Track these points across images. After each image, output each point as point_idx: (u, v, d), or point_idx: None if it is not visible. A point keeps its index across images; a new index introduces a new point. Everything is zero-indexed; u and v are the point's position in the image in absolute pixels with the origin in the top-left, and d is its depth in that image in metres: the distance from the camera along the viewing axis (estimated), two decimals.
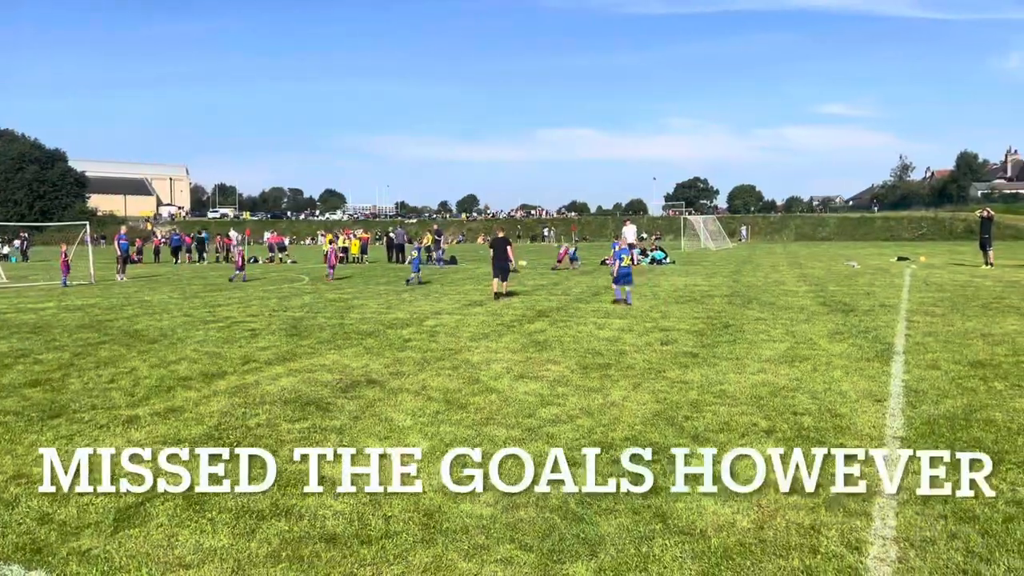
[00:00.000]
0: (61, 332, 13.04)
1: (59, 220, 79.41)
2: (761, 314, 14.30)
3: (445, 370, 9.25)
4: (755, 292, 18.93)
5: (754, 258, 38.30)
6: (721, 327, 12.61)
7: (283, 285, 23.81)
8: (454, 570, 3.98)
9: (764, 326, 12.65)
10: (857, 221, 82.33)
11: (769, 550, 4.17)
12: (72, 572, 4.01)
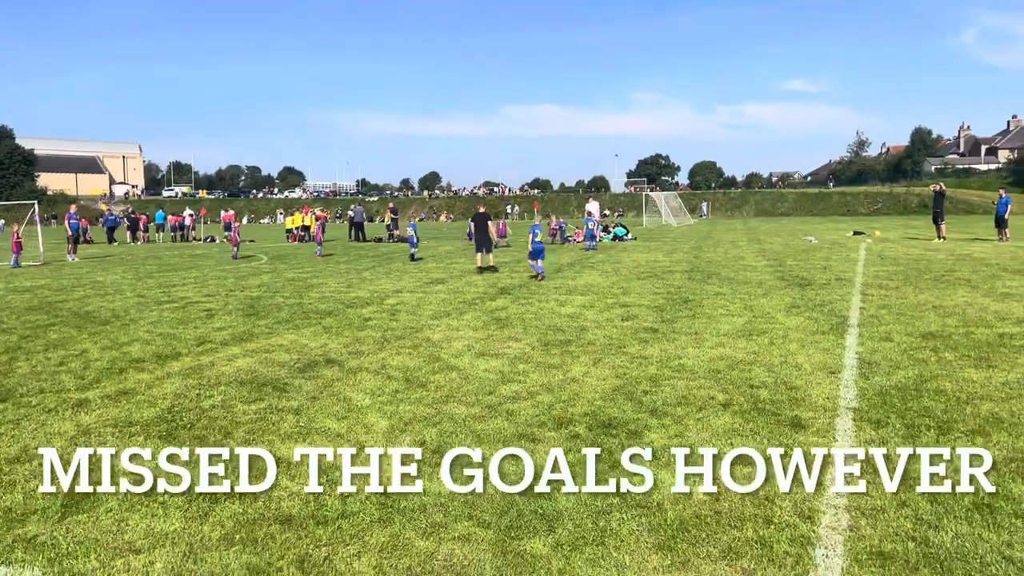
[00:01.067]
0: (9, 314, 12.67)
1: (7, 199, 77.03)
2: (720, 289, 14.44)
3: (405, 349, 9.18)
4: (715, 267, 19.11)
5: (714, 234, 38.70)
6: (681, 302, 12.71)
7: (240, 264, 23.42)
8: (411, 549, 3.96)
9: (723, 301, 12.78)
10: (815, 196, 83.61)
11: (724, 521, 4.22)
12: (18, 559, 3.90)
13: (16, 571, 3.79)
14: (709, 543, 3.97)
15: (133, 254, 30.13)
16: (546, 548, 3.93)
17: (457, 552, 3.91)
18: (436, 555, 3.88)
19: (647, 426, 5.93)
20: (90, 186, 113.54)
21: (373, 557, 3.87)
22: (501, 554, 3.87)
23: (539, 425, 6.01)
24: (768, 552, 3.86)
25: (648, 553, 3.87)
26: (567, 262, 21.93)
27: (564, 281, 16.58)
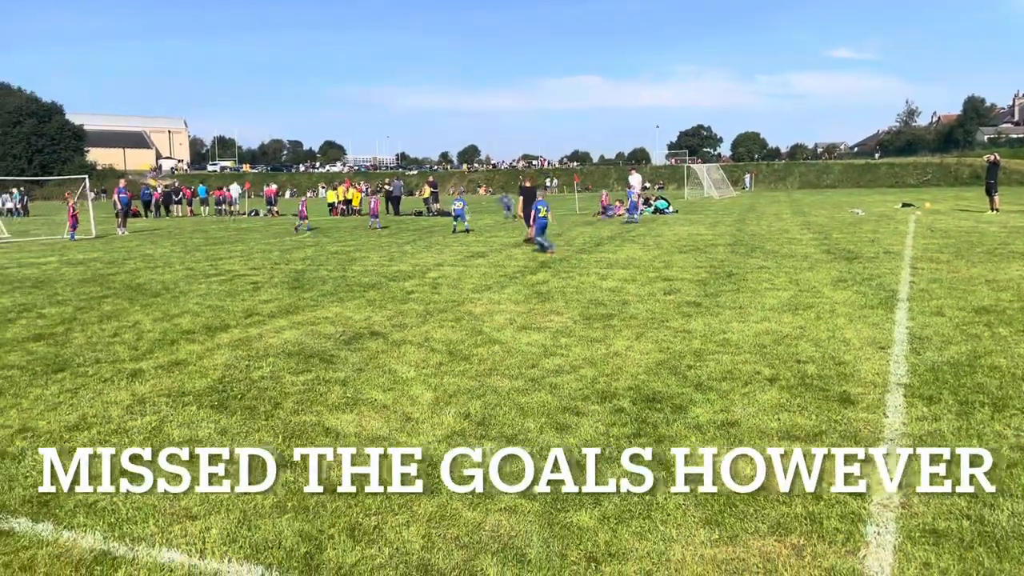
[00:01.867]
0: (64, 286, 13.04)
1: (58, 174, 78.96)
2: (764, 263, 14.23)
3: (448, 322, 9.24)
4: (759, 240, 18.82)
5: (758, 206, 38.06)
6: (724, 276, 12.55)
7: (285, 238, 23.73)
8: (459, 519, 4.01)
9: (767, 275, 12.59)
10: (862, 168, 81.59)
11: (772, 496, 4.18)
12: (79, 524, 4.04)
13: (79, 534, 3.92)
14: (757, 518, 3.94)
15: (180, 227, 30.72)
16: (592, 521, 3.95)
17: (504, 523, 3.95)
18: (483, 525, 3.93)
19: (692, 401, 5.89)
20: (137, 161, 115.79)
21: (421, 526, 3.93)
22: (548, 526, 3.90)
23: (583, 399, 6.01)
24: (818, 528, 3.83)
25: (695, 527, 3.86)
26: (607, 235, 21.79)
27: (605, 255, 16.48)
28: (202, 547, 3.75)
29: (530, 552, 3.64)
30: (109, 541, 3.83)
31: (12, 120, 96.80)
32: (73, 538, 3.88)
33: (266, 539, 3.82)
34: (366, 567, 3.55)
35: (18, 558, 3.69)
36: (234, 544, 3.78)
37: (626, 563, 3.53)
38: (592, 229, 24.47)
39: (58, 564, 3.62)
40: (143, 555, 3.68)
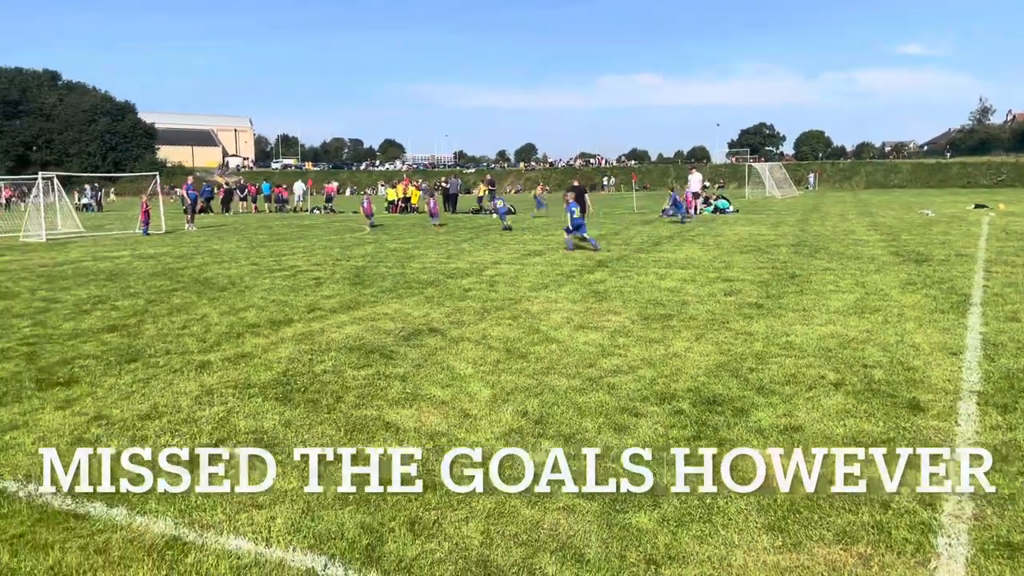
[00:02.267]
0: (136, 280, 13.51)
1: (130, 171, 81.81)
2: (829, 264, 13.89)
3: (505, 320, 9.27)
4: (823, 241, 18.38)
5: (822, 206, 37.16)
6: (787, 277, 12.30)
7: (345, 235, 24.14)
8: (517, 517, 4.02)
9: (832, 276, 12.29)
10: (932, 168, 78.86)
11: (838, 504, 4.09)
12: (151, 510, 4.18)
13: (150, 520, 4.06)
14: (822, 526, 3.86)
15: (245, 223, 31.50)
16: (652, 523, 3.92)
17: (562, 522, 3.95)
18: (542, 524, 3.93)
19: (754, 404, 5.79)
20: (205, 158, 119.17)
21: (480, 523, 3.96)
22: (606, 526, 3.89)
23: (641, 400, 5.97)
24: (886, 538, 3.72)
25: (758, 533, 3.79)
26: (666, 235, 21.55)
27: (663, 254, 16.31)
28: (267, 535, 3.85)
29: (589, 552, 3.64)
30: (180, 527, 3.96)
31: (88, 118, 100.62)
32: (145, 523, 4.02)
33: (329, 530, 3.90)
34: (426, 561, 3.59)
35: (94, 541, 3.84)
36: (298, 534, 3.87)
37: (686, 567, 3.50)
38: (650, 228, 24.23)
39: (131, 548, 3.76)
40: (211, 541, 3.80)
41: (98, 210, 50.13)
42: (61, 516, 4.11)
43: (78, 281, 13.51)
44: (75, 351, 7.88)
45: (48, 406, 6.02)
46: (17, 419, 5.71)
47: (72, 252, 19.64)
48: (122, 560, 3.63)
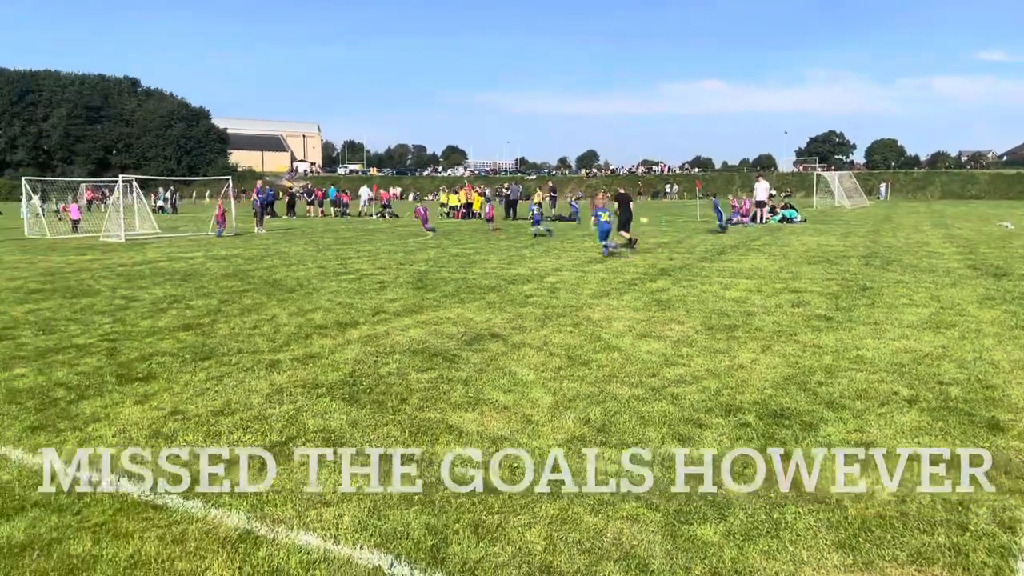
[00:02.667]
0: (209, 280, 13.97)
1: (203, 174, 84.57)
2: (902, 277, 13.47)
3: (566, 326, 9.27)
4: (895, 253, 17.84)
5: (894, 217, 36.04)
6: (858, 290, 11.98)
7: (408, 240, 24.47)
8: (580, 524, 4.02)
9: (905, 289, 11.92)
10: (1012, 178, 75.64)
11: (912, 524, 3.97)
12: (225, 503, 4.32)
13: (224, 513, 4.20)
14: (895, 546, 3.75)
15: (312, 227, 32.22)
16: (717, 536, 3.87)
17: (626, 531, 3.93)
18: (605, 532, 3.92)
19: (823, 419, 5.66)
20: (274, 163, 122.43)
21: (543, 528, 3.97)
22: (671, 537, 3.85)
23: (706, 411, 5.89)
24: (963, 561, 3.60)
25: (827, 550, 3.71)
26: (731, 244, 21.22)
27: (728, 264, 16.06)
28: (336, 532, 3.94)
29: (653, 563, 3.61)
30: (252, 521, 4.08)
31: (165, 123, 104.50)
32: (219, 516, 4.15)
33: (395, 529, 3.97)
34: (490, 564, 3.62)
35: (171, 531, 3.98)
36: (365, 532, 3.94)
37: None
38: (714, 237, 23.89)
39: (207, 540, 3.89)
40: (282, 536, 3.91)
41: (173, 212, 51.95)
42: (140, 506, 4.28)
43: (155, 280, 14.04)
44: (152, 348, 8.19)
45: (127, 400, 6.27)
46: (99, 412, 5.97)
47: (149, 252, 20.41)
48: (198, 551, 3.76)
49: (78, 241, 25.03)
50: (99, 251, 21.03)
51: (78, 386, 6.69)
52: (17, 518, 4.11)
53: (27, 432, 5.49)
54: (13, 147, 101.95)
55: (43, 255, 19.69)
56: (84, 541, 3.87)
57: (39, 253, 20.32)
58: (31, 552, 3.75)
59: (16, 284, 13.58)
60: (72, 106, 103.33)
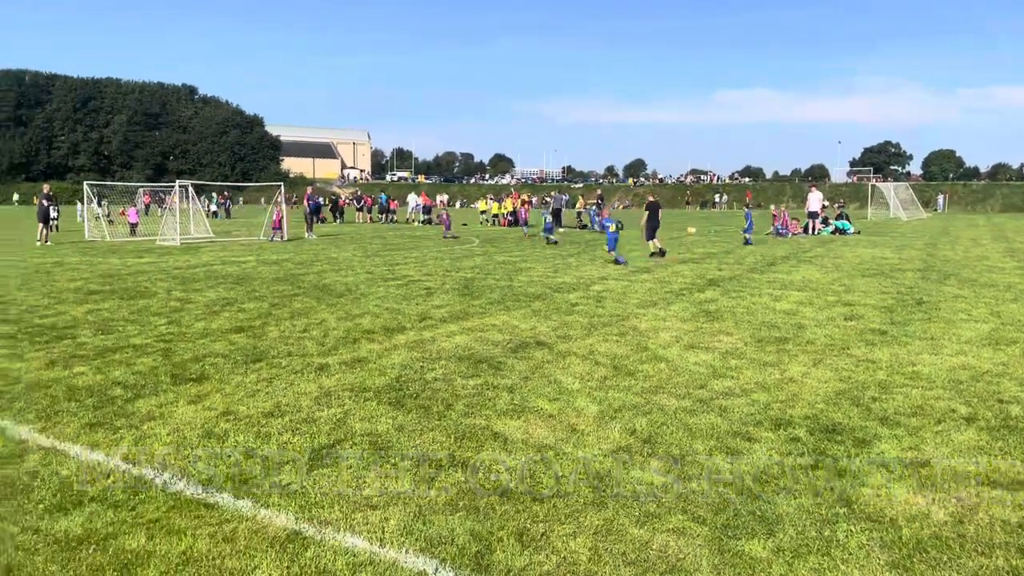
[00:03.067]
0: (260, 284, 14.24)
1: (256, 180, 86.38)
2: (960, 291, 13.08)
3: (612, 336, 9.22)
4: (953, 267, 17.34)
5: (952, 229, 35.06)
6: (913, 304, 11.67)
7: (455, 247, 24.62)
8: (625, 535, 3.99)
9: (964, 304, 11.57)
10: None
11: (969, 546, 3.84)
12: (274, 503, 4.39)
13: (273, 513, 4.26)
14: (951, 568, 3.64)
15: (361, 233, 32.63)
16: (766, 552, 3.80)
17: (672, 544, 3.88)
18: (651, 544, 3.88)
19: (877, 435, 5.52)
20: (325, 170, 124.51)
21: (588, 539, 3.95)
22: (718, 552, 3.80)
23: (755, 424, 5.80)
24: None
25: (880, 570, 3.61)
26: (781, 255, 20.87)
27: (778, 275, 15.80)
28: (381, 536, 3.97)
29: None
30: (300, 522, 4.14)
31: (220, 130, 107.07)
32: (269, 516, 4.22)
33: (440, 535, 3.98)
34: (534, 572, 3.61)
35: (221, 530, 4.06)
36: (410, 536, 3.97)
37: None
38: (764, 248, 23.53)
39: (256, 539, 3.95)
40: (329, 538, 3.95)
41: (227, 217, 53.13)
42: (192, 504, 4.37)
43: (208, 283, 14.37)
44: (206, 349, 8.38)
45: (181, 400, 6.43)
46: (154, 411, 6.12)
47: (203, 256, 20.91)
48: (247, 550, 3.83)
49: (135, 244, 25.76)
50: (155, 254, 21.62)
51: (134, 385, 6.88)
52: (75, 512, 4.24)
53: (85, 429, 5.66)
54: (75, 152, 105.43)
55: (102, 257, 20.31)
56: (138, 537, 3.97)
57: (99, 256, 20.98)
58: (88, 546, 3.86)
59: (77, 285, 14.04)
60: (132, 113, 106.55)
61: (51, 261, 19.00)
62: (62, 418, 5.91)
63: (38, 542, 3.90)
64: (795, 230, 30.99)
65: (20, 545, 3.86)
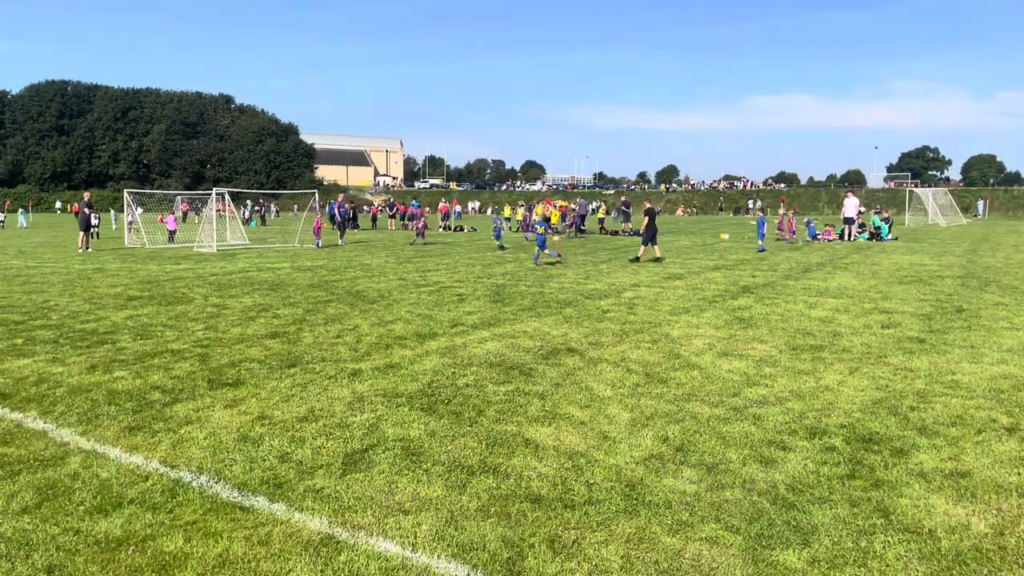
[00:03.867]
0: (294, 290, 14.42)
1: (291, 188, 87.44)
2: (1002, 299, 12.80)
3: (644, 343, 9.17)
4: (994, 274, 16.97)
5: (992, 236, 34.31)
6: (953, 311, 11.44)
7: (487, 253, 24.68)
8: (657, 544, 3.96)
9: (1005, 312, 11.32)
10: None
11: (1010, 559, 3.76)
12: (308, 507, 4.44)
13: (307, 516, 4.31)
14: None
15: (393, 240, 32.88)
16: (801, 562, 3.75)
17: (705, 553, 3.85)
18: (683, 553, 3.85)
19: (915, 445, 5.42)
20: (358, 177, 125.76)
21: (620, 547, 3.93)
22: (752, 562, 3.76)
23: (789, 433, 5.73)
24: None
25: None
26: (816, 261, 20.60)
27: (813, 282, 15.59)
28: (414, 541, 3.99)
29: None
30: (333, 526, 4.18)
31: (256, 139, 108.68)
32: (303, 520, 4.27)
33: (471, 540, 3.99)
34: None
35: (257, 533, 4.12)
36: (442, 542, 3.98)
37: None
38: (799, 254, 23.24)
39: (290, 542, 4.00)
40: (362, 542, 3.98)
41: (262, 224, 53.86)
42: (228, 507, 4.44)
43: (244, 289, 14.58)
44: (242, 355, 8.50)
45: (218, 404, 6.53)
46: (192, 415, 6.23)
47: (239, 263, 21.22)
48: (282, 553, 3.88)
49: (173, 251, 26.23)
50: (193, 260, 21.99)
51: (172, 389, 7.00)
52: (115, 514, 4.33)
53: (124, 432, 5.77)
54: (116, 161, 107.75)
55: (141, 264, 20.72)
56: (176, 539, 4.03)
57: (138, 262, 21.40)
58: (127, 547, 3.93)
59: (117, 291, 14.33)
60: (171, 122, 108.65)
61: (92, 267, 19.43)
62: (102, 421, 6.04)
63: (79, 543, 3.98)
64: (830, 236, 30.57)
65: (61, 546, 3.95)
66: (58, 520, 4.24)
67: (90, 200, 28.24)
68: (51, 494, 4.61)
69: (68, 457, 5.24)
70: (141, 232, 31.47)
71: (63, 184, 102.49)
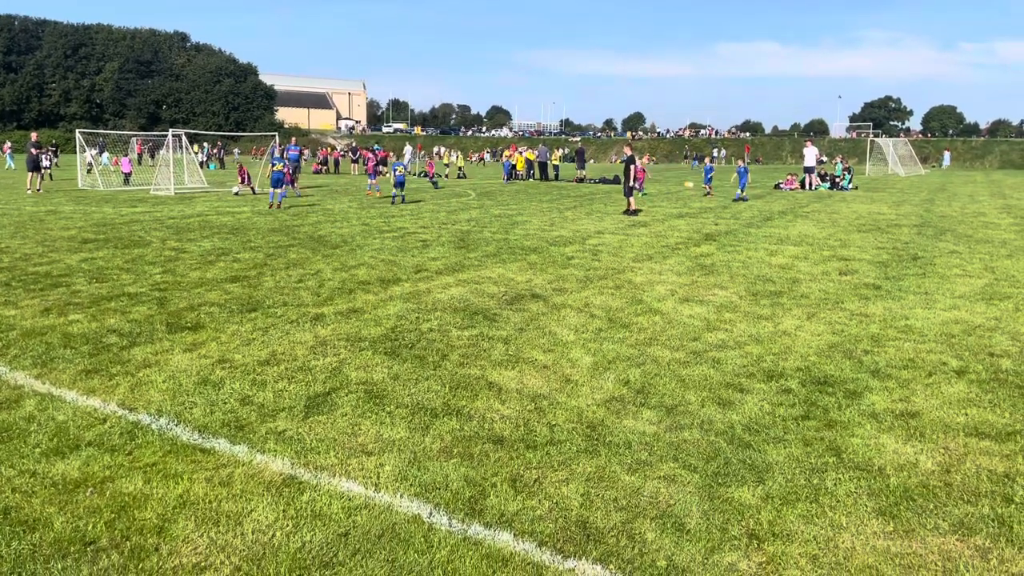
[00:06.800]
0: (255, 234, 14.18)
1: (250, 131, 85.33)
2: (956, 247, 13.10)
3: (608, 289, 9.23)
4: (949, 223, 17.33)
5: (949, 186, 34.96)
6: (908, 259, 11.69)
7: (451, 199, 24.48)
8: (617, 482, 4.04)
9: (959, 260, 11.59)
10: None
11: (956, 495, 3.91)
12: (270, 449, 4.43)
13: (269, 458, 4.30)
14: (937, 515, 3.70)
15: (355, 185, 32.39)
16: (755, 499, 3.86)
17: (663, 491, 3.94)
18: (642, 491, 3.94)
19: (868, 387, 5.57)
20: (320, 120, 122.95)
21: (580, 485, 4.00)
22: (708, 499, 3.85)
23: (747, 376, 5.85)
24: (1007, 532, 3.54)
25: (867, 517, 3.68)
26: (778, 210, 20.82)
27: (775, 230, 15.78)
28: (376, 481, 4.02)
29: (689, 522, 3.62)
30: (296, 467, 4.18)
31: (213, 79, 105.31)
32: (265, 461, 4.26)
33: (434, 480, 4.03)
34: (527, 517, 3.66)
35: (218, 474, 4.10)
36: (405, 481, 4.01)
37: (790, 544, 3.43)
38: (761, 203, 23.46)
39: (252, 483, 4.00)
40: (324, 482, 4.00)
41: (221, 167, 52.63)
42: (189, 449, 4.41)
43: (203, 233, 14.30)
44: (201, 299, 8.37)
45: (177, 348, 6.44)
46: (150, 358, 6.14)
47: (197, 206, 20.77)
48: (243, 493, 3.87)
49: (129, 194, 25.56)
50: (149, 204, 21.46)
51: (130, 333, 6.88)
52: (72, 456, 4.27)
53: (81, 375, 5.68)
54: (67, 100, 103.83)
55: (96, 207, 20.17)
56: (135, 480, 4.00)
57: (92, 205, 20.82)
58: (84, 488, 3.90)
59: (71, 234, 13.96)
60: (124, 60, 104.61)
61: (44, 210, 18.87)
62: (57, 364, 5.93)
63: (35, 484, 3.93)
64: (791, 185, 30.86)
65: (17, 488, 3.90)
66: (13, 462, 4.18)
67: (38, 140, 27.27)
68: (5, 436, 4.53)
69: (23, 400, 5.14)
70: (95, 173, 30.56)
71: (12, 124, 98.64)
